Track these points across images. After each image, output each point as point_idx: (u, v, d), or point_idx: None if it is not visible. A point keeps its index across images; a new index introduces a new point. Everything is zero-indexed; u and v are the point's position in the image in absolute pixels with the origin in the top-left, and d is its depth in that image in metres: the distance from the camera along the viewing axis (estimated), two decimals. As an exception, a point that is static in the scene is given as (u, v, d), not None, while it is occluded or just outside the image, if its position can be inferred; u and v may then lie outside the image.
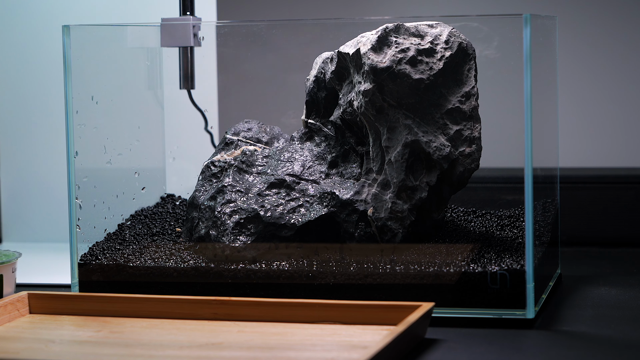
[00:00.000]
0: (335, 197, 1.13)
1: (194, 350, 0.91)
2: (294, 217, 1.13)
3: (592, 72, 1.86)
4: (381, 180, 1.13)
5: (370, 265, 1.09)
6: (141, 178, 1.33)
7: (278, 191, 1.15)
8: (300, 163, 1.17)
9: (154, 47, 1.33)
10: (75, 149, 1.17)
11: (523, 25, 1.04)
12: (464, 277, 1.06)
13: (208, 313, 1.03)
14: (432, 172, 1.11)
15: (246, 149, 1.20)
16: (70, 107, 1.17)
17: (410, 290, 1.06)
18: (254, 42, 1.28)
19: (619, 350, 0.96)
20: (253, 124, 1.23)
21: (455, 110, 1.11)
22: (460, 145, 1.11)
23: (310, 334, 0.97)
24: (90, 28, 1.24)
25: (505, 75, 1.18)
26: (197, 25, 1.32)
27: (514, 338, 1.00)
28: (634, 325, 1.05)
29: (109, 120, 1.27)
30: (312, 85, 1.20)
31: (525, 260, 1.05)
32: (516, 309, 1.04)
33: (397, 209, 1.11)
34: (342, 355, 0.89)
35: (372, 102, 1.11)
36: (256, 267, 1.11)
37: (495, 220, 1.22)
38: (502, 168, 1.24)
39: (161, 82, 1.37)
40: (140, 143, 1.35)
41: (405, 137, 1.11)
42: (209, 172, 1.20)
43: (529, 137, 1.05)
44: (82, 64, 1.18)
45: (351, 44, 1.14)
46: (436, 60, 1.12)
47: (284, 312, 1.02)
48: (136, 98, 1.36)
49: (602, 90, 1.86)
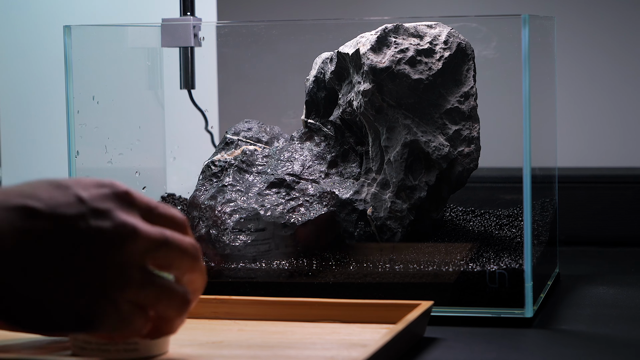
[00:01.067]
0: (334, 196, 1.14)
1: (194, 348, 0.92)
2: (293, 217, 1.13)
3: (591, 72, 1.87)
4: (380, 179, 1.13)
5: (369, 264, 1.09)
6: (142, 177, 1.33)
7: (278, 190, 1.15)
8: (300, 163, 1.18)
9: (154, 47, 1.33)
10: (76, 149, 1.18)
11: (522, 26, 1.05)
12: (462, 276, 1.06)
13: (208, 312, 1.03)
14: (431, 171, 1.11)
15: (246, 148, 1.20)
16: (71, 107, 1.17)
17: (410, 289, 1.06)
18: (254, 42, 1.28)
19: (617, 349, 0.97)
20: (253, 123, 1.24)
21: (454, 110, 1.12)
22: (459, 145, 1.11)
23: (310, 333, 0.97)
24: (91, 28, 1.24)
25: (503, 76, 1.19)
26: (197, 26, 1.32)
27: (513, 337, 1.01)
28: (632, 324, 1.05)
29: (109, 120, 1.28)
30: (312, 85, 1.20)
31: (524, 260, 1.05)
32: (515, 308, 1.04)
33: (396, 209, 1.12)
34: (341, 353, 0.90)
35: (371, 102, 1.11)
36: (256, 266, 1.11)
37: (494, 219, 1.22)
38: (500, 168, 1.24)
39: (162, 82, 1.38)
40: (140, 143, 1.35)
41: (405, 137, 1.11)
42: (209, 171, 1.20)
43: (528, 137, 1.05)
44: (83, 64, 1.18)
45: (351, 44, 1.14)
46: (435, 61, 1.12)
47: (284, 311, 1.02)
48: (137, 98, 1.37)
49: (600, 90, 1.87)
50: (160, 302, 0.81)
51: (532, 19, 1.05)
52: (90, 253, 0.78)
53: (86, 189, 0.80)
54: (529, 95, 1.05)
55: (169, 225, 0.83)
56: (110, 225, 0.79)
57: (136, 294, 0.79)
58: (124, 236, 0.79)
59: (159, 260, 0.81)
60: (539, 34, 1.14)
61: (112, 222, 0.79)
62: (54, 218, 0.78)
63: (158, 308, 0.81)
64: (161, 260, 0.81)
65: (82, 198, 0.79)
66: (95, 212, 0.79)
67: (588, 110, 1.87)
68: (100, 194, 0.80)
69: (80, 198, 0.79)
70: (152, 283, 0.80)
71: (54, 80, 1.33)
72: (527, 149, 1.05)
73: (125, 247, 0.79)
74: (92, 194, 0.80)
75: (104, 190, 0.81)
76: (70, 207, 0.78)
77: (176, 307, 0.82)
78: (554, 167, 1.30)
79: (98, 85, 1.24)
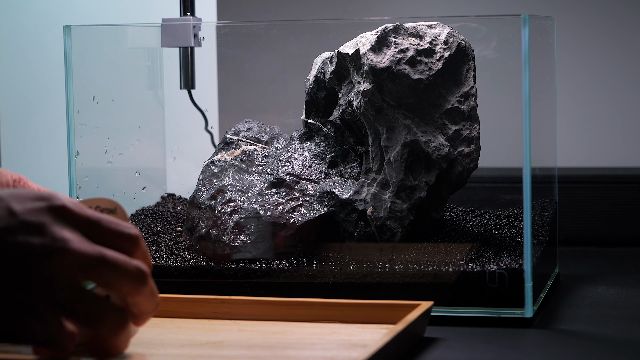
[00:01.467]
0: (334, 196, 1.14)
1: (195, 348, 0.92)
2: (293, 217, 1.13)
3: (591, 72, 1.87)
4: (380, 179, 1.13)
5: (369, 264, 1.09)
6: (142, 177, 1.33)
7: (278, 191, 1.15)
8: (300, 163, 1.18)
9: (154, 48, 1.33)
10: (76, 149, 1.18)
11: (522, 26, 1.05)
12: (462, 276, 1.06)
13: (208, 312, 1.03)
14: (431, 171, 1.11)
15: (246, 148, 1.20)
16: (71, 107, 1.17)
17: (409, 289, 1.06)
18: (254, 42, 1.28)
19: (617, 349, 0.97)
20: (253, 123, 1.24)
21: (454, 110, 1.12)
22: (459, 145, 1.11)
23: (310, 333, 0.97)
24: (91, 28, 1.24)
25: (503, 76, 1.19)
26: (197, 26, 1.32)
27: (512, 337, 1.01)
28: (632, 324, 1.05)
29: (109, 120, 1.28)
30: (312, 85, 1.20)
31: (524, 260, 1.05)
32: (514, 308, 1.04)
33: (396, 209, 1.12)
34: (341, 353, 0.90)
35: (371, 102, 1.11)
36: (256, 266, 1.11)
37: (494, 219, 1.22)
38: (500, 168, 1.24)
39: (162, 82, 1.38)
40: (140, 143, 1.35)
41: (405, 137, 1.11)
42: (209, 171, 1.20)
43: (528, 137, 1.05)
44: (83, 64, 1.18)
45: (350, 44, 1.14)
46: (435, 61, 1.12)
47: (284, 311, 1.02)
48: (137, 98, 1.37)
49: (600, 90, 1.87)
50: (93, 319, 0.80)
51: (532, 19, 1.05)
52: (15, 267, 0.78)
53: (21, 202, 0.80)
54: (529, 95, 1.05)
55: (116, 240, 0.82)
56: (39, 240, 0.78)
57: (64, 310, 0.79)
58: (53, 251, 0.78)
59: (94, 278, 0.80)
60: (539, 34, 1.14)
61: (42, 237, 0.78)
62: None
63: (92, 326, 0.80)
64: (97, 279, 0.80)
65: (13, 211, 0.79)
66: (26, 225, 0.79)
67: (588, 110, 1.87)
68: (34, 208, 0.80)
69: (12, 211, 0.79)
70: (82, 300, 0.79)
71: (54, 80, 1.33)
72: (527, 149, 1.05)
73: (52, 262, 0.78)
74: (25, 208, 0.79)
75: (39, 204, 0.80)
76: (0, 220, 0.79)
77: (111, 326, 0.81)
78: (554, 167, 1.30)
79: (98, 85, 1.24)
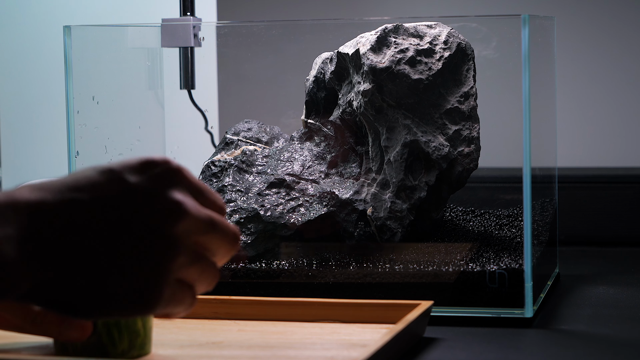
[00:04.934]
0: (334, 196, 1.14)
1: (195, 349, 0.92)
2: (293, 217, 1.13)
3: (590, 72, 1.87)
4: (380, 179, 1.13)
5: (369, 264, 1.10)
6: (142, 178, 1.33)
7: (278, 191, 1.16)
8: (300, 163, 1.18)
9: (154, 48, 1.33)
10: (76, 149, 1.18)
11: (521, 26, 1.05)
12: (462, 276, 1.06)
13: (208, 312, 1.03)
14: (431, 171, 1.12)
15: (246, 148, 1.20)
16: (71, 107, 1.17)
17: (409, 289, 1.06)
18: (254, 42, 1.28)
19: (617, 349, 0.97)
20: (253, 123, 1.24)
21: (454, 110, 1.12)
22: (459, 145, 1.11)
23: (310, 333, 0.97)
24: (91, 28, 1.24)
25: (503, 76, 1.19)
26: (197, 26, 1.32)
27: (512, 337, 1.01)
28: (632, 324, 1.05)
29: (109, 120, 1.28)
30: (312, 85, 1.20)
31: (524, 260, 1.05)
32: (514, 308, 1.04)
33: (396, 209, 1.12)
34: (341, 353, 0.90)
35: (371, 102, 1.12)
36: (256, 266, 1.11)
37: (494, 219, 1.22)
38: (500, 168, 1.24)
39: (162, 82, 1.38)
40: (141, 143, 1.35)
41: (405, 137, 1.11)
42: (209, 171, 1.20)
43: (528, 137, 1.05)
44: (83, 64, 1.18)
45: (350, 44, 1.14)
46: (435, 61, 1.12)
47: (284, 311, 1.02)
48: (137, 98, 1.37)
49: (600, 90, 1.87)
50: (202, 280, 0.81)
51: (532, 19, 1.05)
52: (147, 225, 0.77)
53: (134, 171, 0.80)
54: (529, 95, 1.05)
55: (213, 209, 0.82)
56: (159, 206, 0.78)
57: (186, 271, 0.79)
58: (172, 213, 0.78)
59: (201, 242, 0.80)
60: (539, 34, 1.14)
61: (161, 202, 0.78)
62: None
63: (197, 288, 0.81)
64: (203, 243, 0.81)
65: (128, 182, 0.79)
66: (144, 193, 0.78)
67: (588, 110, 1.87)
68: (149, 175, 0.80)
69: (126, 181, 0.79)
70: (199, 260, 0.80)
71: (54, 80, 1.33)
72: (527, 149, 1.06)
73: (173, 225, 0.78)
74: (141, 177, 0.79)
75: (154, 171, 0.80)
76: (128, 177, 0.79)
77: (209, 284, 0.82)
78: (554, 167, 1.30)
79: (98, 85, 1.24)
